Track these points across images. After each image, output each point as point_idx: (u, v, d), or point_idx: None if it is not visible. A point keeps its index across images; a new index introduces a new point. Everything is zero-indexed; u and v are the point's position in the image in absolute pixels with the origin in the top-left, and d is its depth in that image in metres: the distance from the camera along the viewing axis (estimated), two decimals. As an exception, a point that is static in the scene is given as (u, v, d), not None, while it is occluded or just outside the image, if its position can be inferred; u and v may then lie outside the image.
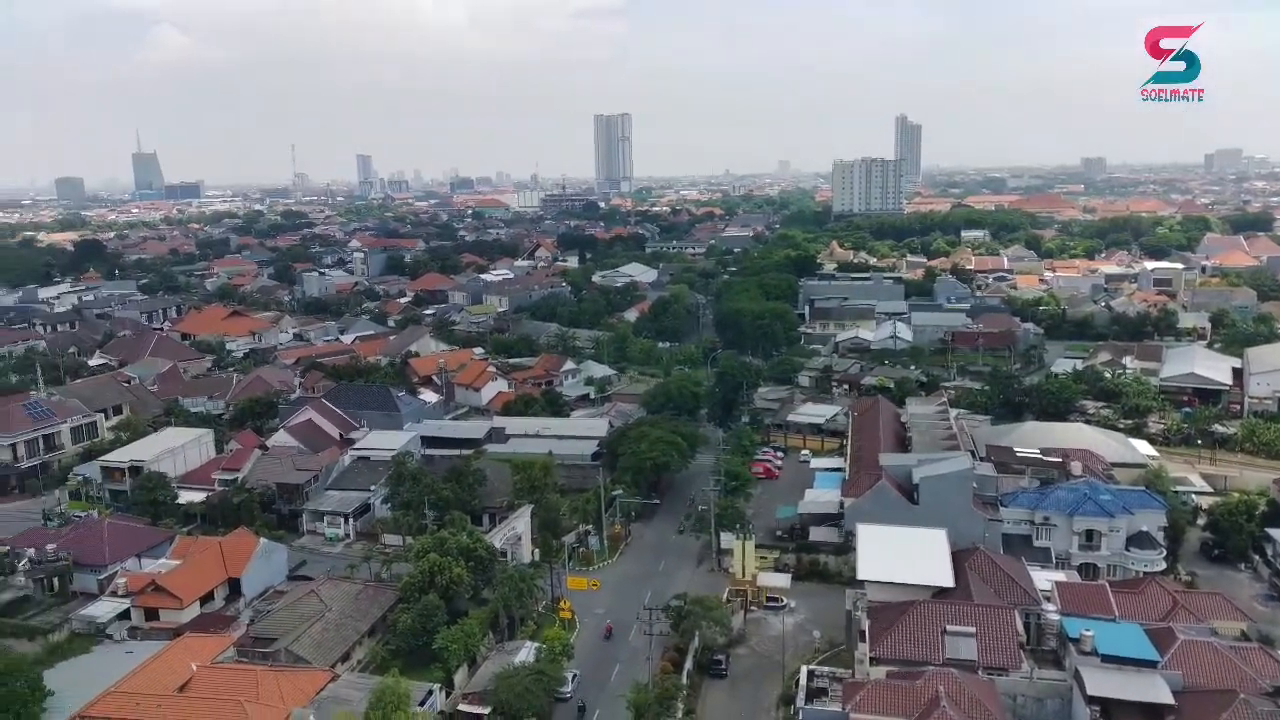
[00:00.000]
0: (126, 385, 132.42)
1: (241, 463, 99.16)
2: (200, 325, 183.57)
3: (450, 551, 71.60)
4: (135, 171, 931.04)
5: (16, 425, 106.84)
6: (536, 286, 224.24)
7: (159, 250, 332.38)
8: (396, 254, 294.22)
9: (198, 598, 73.50)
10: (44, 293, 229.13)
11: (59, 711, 54.88)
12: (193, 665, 58.14)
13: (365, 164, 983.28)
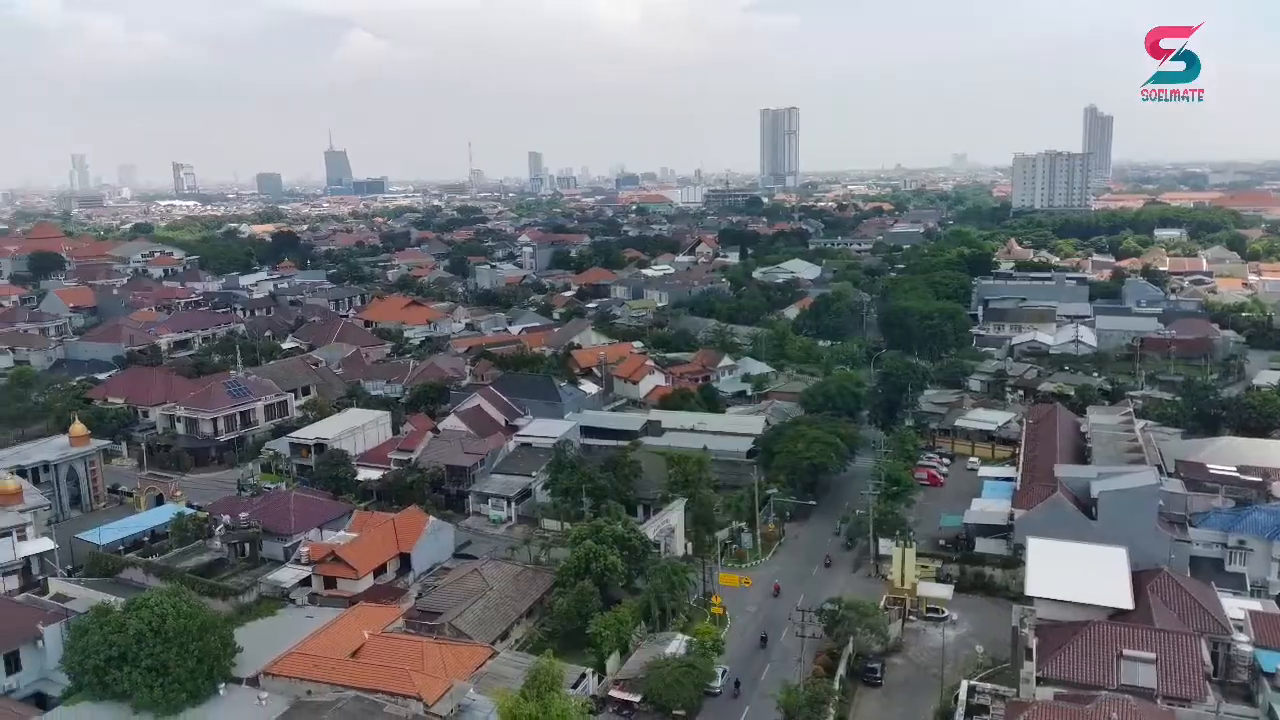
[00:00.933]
0: (314, 368, 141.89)
1: (415, 444, 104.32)
2: (382, 313, 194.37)
3: (605, 540, 72.96)
4: (327, 168, 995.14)
5: (218, 402, 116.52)
6: (696, 282, 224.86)
7: (346, 242, 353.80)
8: (563, 249, 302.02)
9: (372, 570, 77.93)
10: (244, 280, 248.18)
11: (247, 666, 59.50)
12: (365, 633, 61.74)
13: (536, 161, 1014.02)
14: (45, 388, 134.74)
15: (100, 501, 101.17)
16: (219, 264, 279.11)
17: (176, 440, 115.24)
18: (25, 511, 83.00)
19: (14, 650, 61.71)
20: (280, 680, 57.49)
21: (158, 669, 54.27)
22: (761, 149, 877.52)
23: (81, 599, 69.30)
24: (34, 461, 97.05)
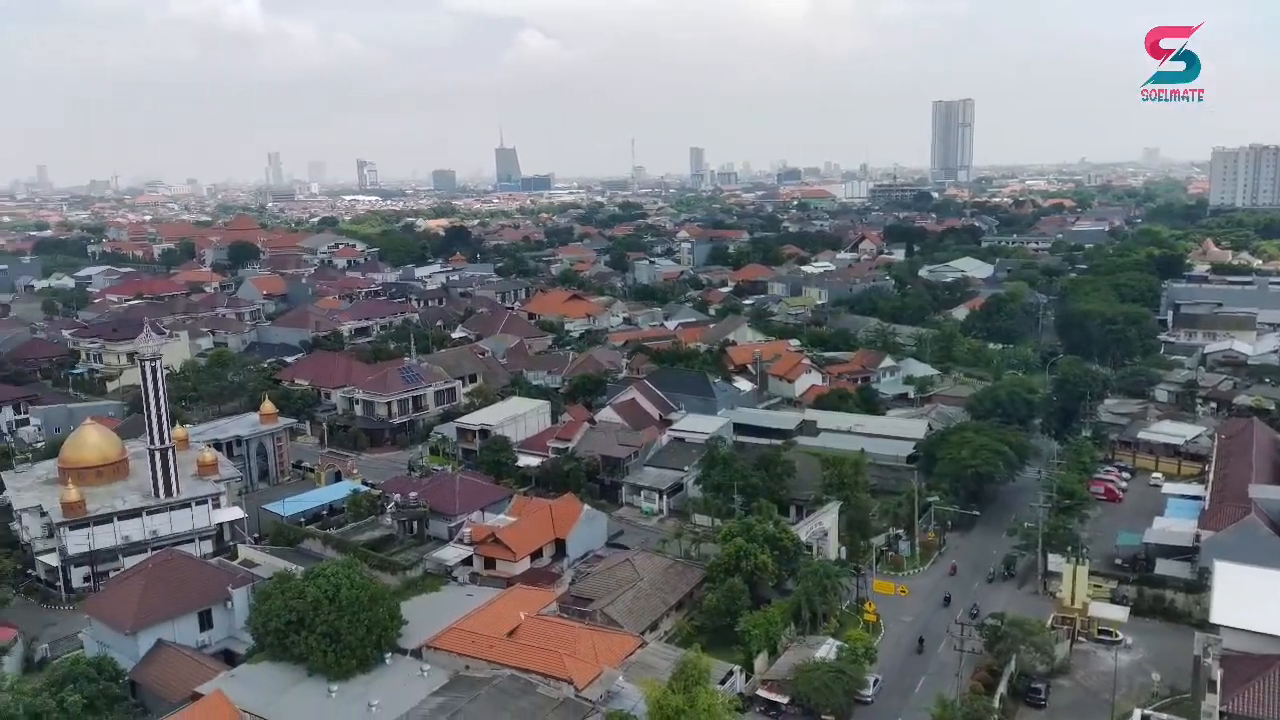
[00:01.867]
0: (481, 357, 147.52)
1: (572, 434, 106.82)
2: (544, 306, 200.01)
3: (756, 538, 72.42)
4: (497, 165, 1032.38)
5: (392, 387, 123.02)
6: (858, 280, 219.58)
7: (513, 237, 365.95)
8: (721, 244, 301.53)
9: (529, 553, 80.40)
10: (419, 272, 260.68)
11: (411, 638, 62.56)
12: (521, 614, 63.73)
13: (697, 157, 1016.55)
14: (240, 368, 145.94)
15: (285, 476, 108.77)
16: (396, 256, 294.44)
17: (354, 421, 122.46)
18: (220, 482, 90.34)
19: (207, 609, 67.33)
20: (441, 654, 60.17)
21: (331, 635, 57.79)
22: (932, 142, 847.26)
23: (266, 565, 74.74)
24: (229, 436, 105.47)
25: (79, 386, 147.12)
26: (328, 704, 55.45)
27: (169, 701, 57.27)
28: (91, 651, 64.19)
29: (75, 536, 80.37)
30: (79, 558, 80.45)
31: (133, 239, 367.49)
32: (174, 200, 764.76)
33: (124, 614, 64.60)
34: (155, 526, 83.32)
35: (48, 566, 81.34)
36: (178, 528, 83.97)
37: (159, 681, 60.25)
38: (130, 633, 63.33)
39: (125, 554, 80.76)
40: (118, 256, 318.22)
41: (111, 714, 56.23)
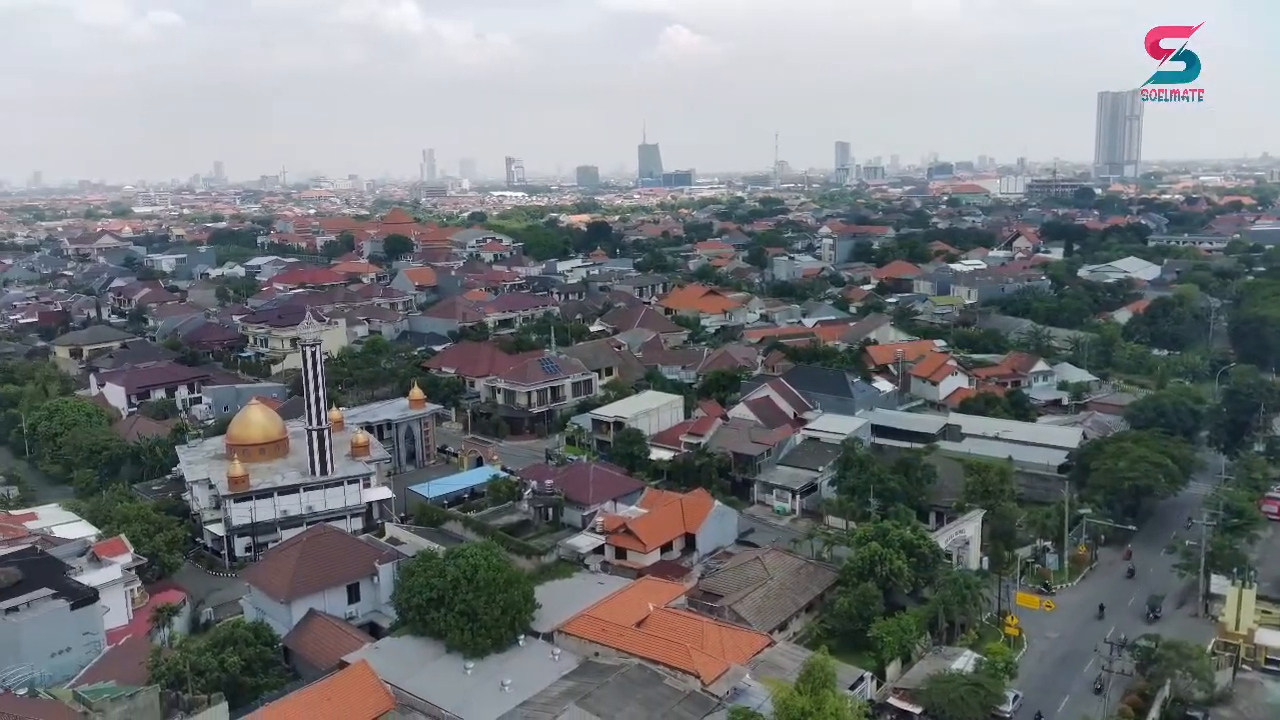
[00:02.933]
0: (617, 350, 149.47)
1: (705, 429, 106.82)
2: (681, 301, 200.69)
3: (892, 543, 70.52)
4: (640, 161, 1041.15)
5: (532, 377, 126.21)
6: (1011, 279, 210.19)
7: (653, 232, 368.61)
8: (864, 240, 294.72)
9: (659, 545, 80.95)
10: (561, 266, 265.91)
11: (544, 622, 64.05)
12: (650, 605, 64.26)
13: (843, 151, 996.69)
14: (392, 356, 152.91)
15: (430, 459, 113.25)
16: (540, 250, 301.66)
17: (496, 409, 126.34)
18: (371, 463, 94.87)
19: (355, 583, 70.91)
20: (572, 639, 61.37)
21: (469, 614, 59.84)
22: (1097, 136, 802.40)
23: (410, 544, 78.05)
24: (380, 419, 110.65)
25: (246, 369, 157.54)
26: (463, 680, 57.48)
27: (317, 668, 60.65)
28: (250, 617, 68.66)
29: (239, 509, 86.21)
30: (241, 529, 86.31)
31: (298, 231, 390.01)
32: (336, 195, 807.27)
33: (280, 584, 68.80)
34: (311, 502, 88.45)
35: (214, 536, 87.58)
36: (331, 504, 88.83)
37: (309, 649, 63.90)
38: (285, 601, 67.40)
39: (283, 527, 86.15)
40: (284, 247, 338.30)
41: (266, 676, 59.92)
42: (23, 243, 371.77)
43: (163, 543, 78.81)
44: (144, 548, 76.10)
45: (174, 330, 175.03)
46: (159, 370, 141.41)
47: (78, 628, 61.82)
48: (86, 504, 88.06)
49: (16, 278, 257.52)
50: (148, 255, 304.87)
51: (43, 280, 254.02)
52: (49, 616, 60.69)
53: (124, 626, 67.65)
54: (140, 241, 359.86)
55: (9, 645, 59.02)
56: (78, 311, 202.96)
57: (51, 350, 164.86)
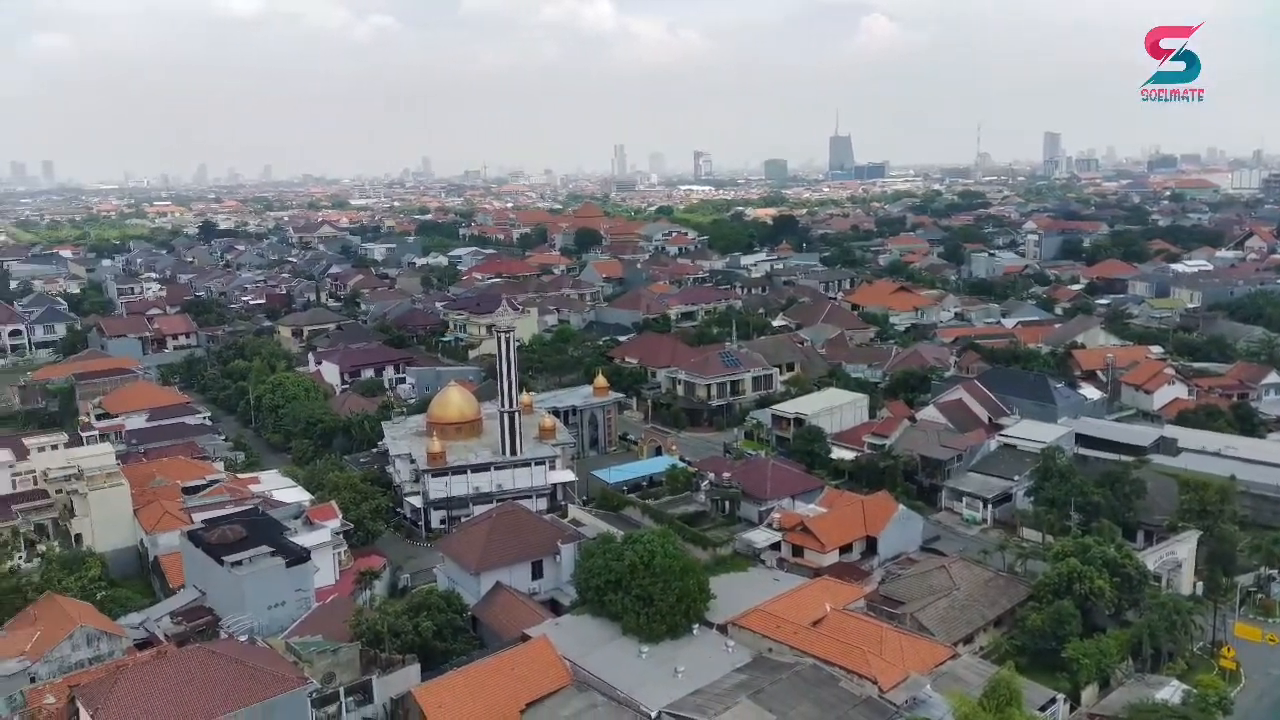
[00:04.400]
0: (800, 346, 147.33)
1: (890, 430, 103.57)
2: (869, 297, 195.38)
3: (1093, 561, 65.95)
4: (830, 153, 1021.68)
5: (713, 370, 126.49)
6: (1241, 281, 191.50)
7: (842, 226, 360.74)
8: (1074, 237, 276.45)
9: (838, 546, 79.21)
10: (745, 260, 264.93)
11: (718, 614, 64.20)
12: (827, 606, 63.07)
13: (1052, 142, 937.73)
14: (579, 344, 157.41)
15: (612, 446, 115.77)
16: (724, 244, 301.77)
17: (676, 400, 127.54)
18: (557, 446, 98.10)
19: (539, 560, 73.55)
20: (746, 633, 61.15)
21: (645, 599, 60.81)
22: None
23: (590, 526, 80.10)
24: (566, 405, 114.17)
25: (446, 352, 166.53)
26: (637, 663, 58.48)
27: (501, 638, 63.42)
28: (443, 585, 72.59)
29: (436, 483, 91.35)
30: (438, 502, 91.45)
31: (496, 224, 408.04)
32: (532, 189, 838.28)
33: (470, 556, 72.37)
34: (501, 481, 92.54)
35: (413, 507, 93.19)
36: (519, 484, 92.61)
37: (495, 619, 66.88)
38: (474, 573, 70.83)
39: (474, 502, 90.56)
40: (483, 239, 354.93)
41: (455, 642, 63.22)
42: (254, 231, 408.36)
43: (367, 511, 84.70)
44: (351, 514, 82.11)
45: (383, 314, 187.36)
46: (369, 351, 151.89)
47: (291, 584, 67.36)
48: (302, 471, 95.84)
49: (248, 263, 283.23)
50: (361, 244, 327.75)
51: (270, 265, 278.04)
52: (268, 572, 66.43)
53: (331, 586, 73.18)
54: (355, 231, 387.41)
55: (234, 595, 65.11)
56: (299, 295, 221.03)
57: (276, 329, 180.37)
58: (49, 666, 57.53)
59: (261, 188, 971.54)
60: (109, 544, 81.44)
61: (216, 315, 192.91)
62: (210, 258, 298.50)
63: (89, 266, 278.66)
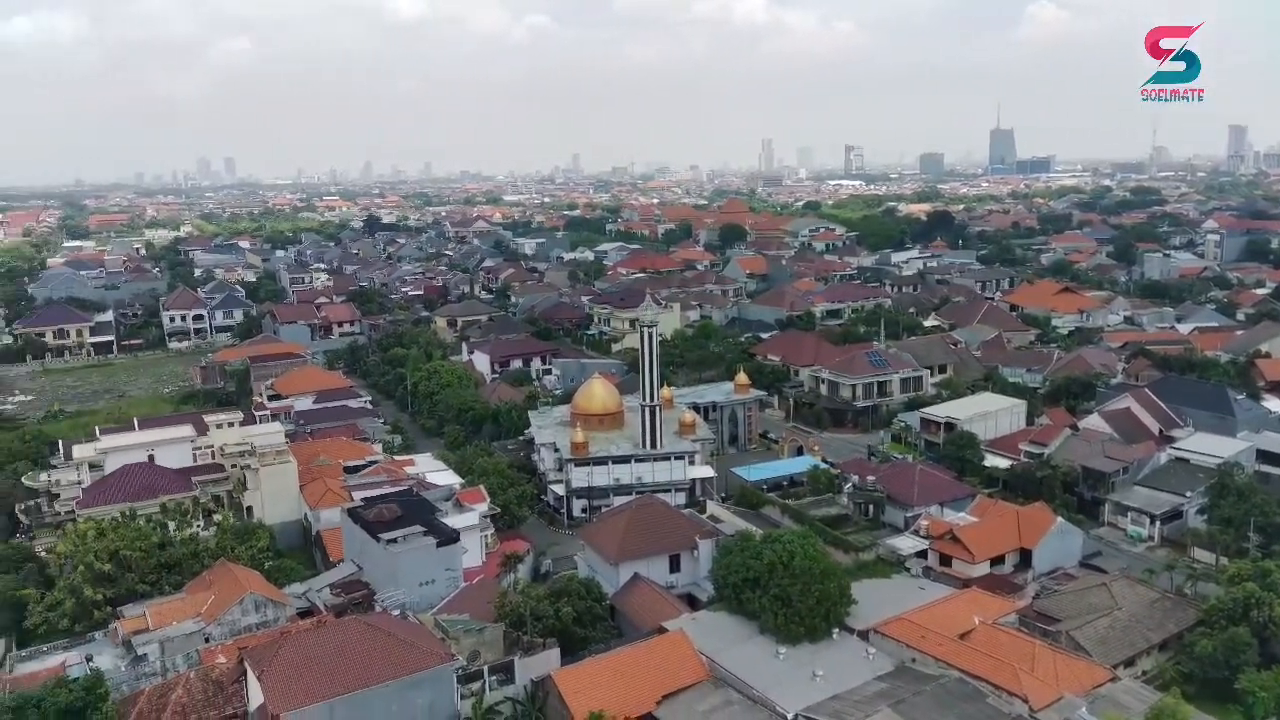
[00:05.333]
0: (953, 347, 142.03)
1: (1049, 438, 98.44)
2: (1029, 298, 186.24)
3: (1274, 586, 60.75)
4: (991, 147, 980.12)
5: (859, 370, 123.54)
6: None
7: (1001, 223, 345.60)
8: (1260, 237, 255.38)
9: (989, 557, 76.01)
10: (896, 257, 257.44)
11: (859, 619, 62.67)
12: (975, 619, 60.59)
13: (1237, 136, 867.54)
14: (720, 340, 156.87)
15: (752, 444, 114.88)
16: (874, 241, 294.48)
17: (819, 400, 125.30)
18: (696, 441, 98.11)
19: (677, 554, 73.76)
20: (888, 641, 59.46)
21: (783, 600, 59.99)
22: None
23: (729, 523, 79.76)
24: (706, 401, 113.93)
25: (590, 345, 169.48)
26: (774, 664, 57.80)
27: (638, 629, 63.97)
28: (583, 573, 73.85)
29: (578, 473, 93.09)
30: (579, 491, 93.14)
31: (642, 219, 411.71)
32: (678, 185, 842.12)
33: (610, 546, 73.36)
34: (640, 473, 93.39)
35: (556, 495, 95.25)
36: (658, 477, 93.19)
37: (632, 610, 67.50)
38: (613, 563, 71.77)
39: (614, 493, 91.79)
40: (628, 234, 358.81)
41: (594, 630, 64.20)
42: (414, 225, 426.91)
43: (513, 497, 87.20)
44: (497, 499, 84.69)
45: (531, 307, 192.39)
46: (518, 342, 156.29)
47: (441, 563, 70.10)
48: (453, 456, 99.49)
49: (408, 255, 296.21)
50: (513, 239, 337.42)
51: (428, 258, 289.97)
52: (420, 551, 69.33)
53: (477, 567, 75.71)
54: (508, 226, 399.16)
55: (388, 571, 68.30)
56: (454, 287, 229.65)
57: (432, 320, 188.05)
58: (221, 629, 61.95)
59: (422, 184, 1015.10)
60: (276, 517, 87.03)
61: (378, 305, 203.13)
62: (374, 250, 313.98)
63: (264, 257, 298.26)
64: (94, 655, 60.75)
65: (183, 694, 54.17)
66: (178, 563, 71.56)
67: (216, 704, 54.08)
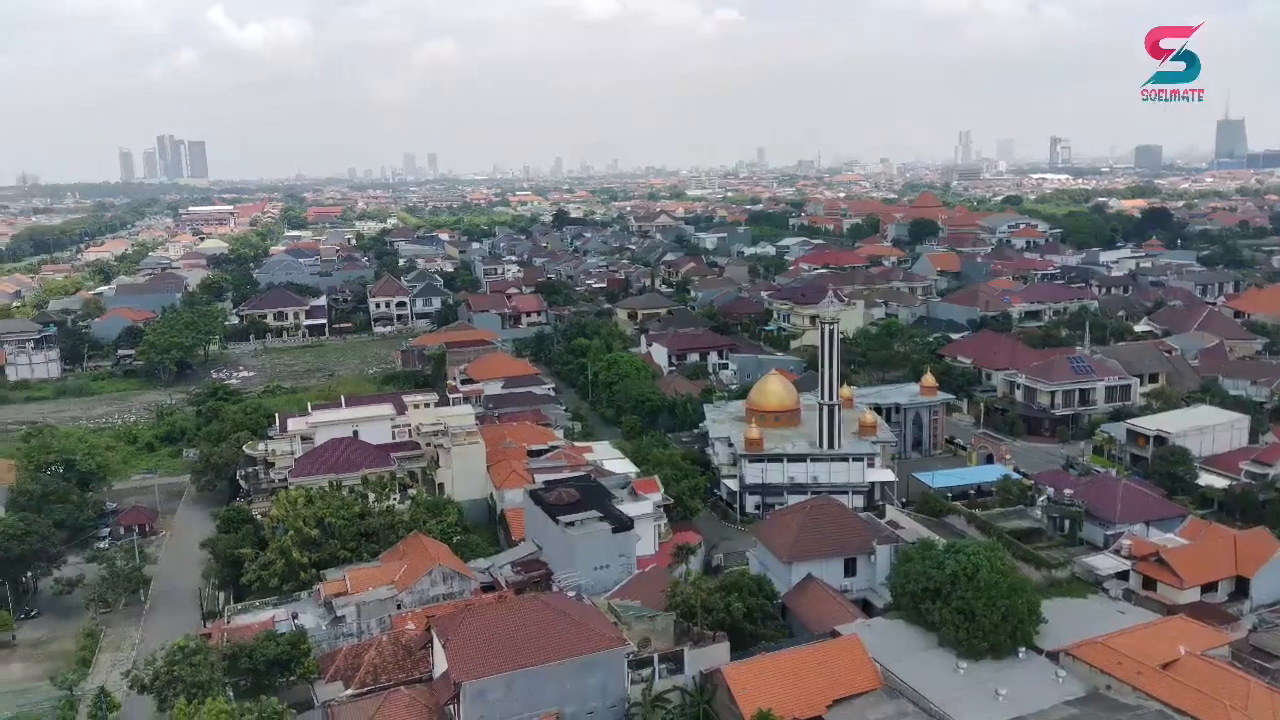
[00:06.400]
0: (1167, 355, 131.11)
1: (1276, 458, 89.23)
2: (1258, 304, 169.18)
3: None
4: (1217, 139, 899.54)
5: (1058, 376, 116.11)
6: None
7: (1227, 221, 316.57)
8: None
9: (1199, 584, 69.62)
10: (1104, 256, 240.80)
11: (1048, 639, 58.97)
12: (1181, 649, 55.70)
13: None
14: (906, 340, 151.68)
15: (937, 449, 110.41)
16: (1080, 238, 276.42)
17: (1013, 406, 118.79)
18: (877, 443, 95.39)
19: (852, 558, 71.92)
20: (1080, 665, 55.61)
21: (966, 613, 57.25)
22: None
23: (909, 530, 77.00)
24: (889, 403, 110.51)
25: (769, 341, 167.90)
26: (954, 679, 55.30)
27: (810, 631, 62.87)
28: (754, 570, 73.28)
29: (752, 469, 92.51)
30: (753, 487, 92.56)
31: (827, 214, 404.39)
32: (866, 179, 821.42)
33: (783, 544, 72.45)
34: (816, 473, 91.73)
35: (729, 489, 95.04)
36: (835, 478, 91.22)
37: (804, 611, 66.42)
38: (786, 562, 70.83)
39: (789, 492, 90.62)
40: (812, 229, 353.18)
41: (764, 627, 63.60)
42: (600, 219, 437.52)
43: (687, 489, 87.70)
44: (671, 490, 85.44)
45: (710, 301, 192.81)
46: (696, 336, 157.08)
47: (615, 549, 71.42)
48: (630, 445, 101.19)
49: (593, 248, 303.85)
50: (694, 233, 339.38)
51: (612, 252, 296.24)
52: (595, 535, 70.94)
53: (650, 556, 76.68)
54: (689, 221, 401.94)
55: (565, 553, 70.27)
56: (636, 280, 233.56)
57: (614, 311, 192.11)
58: (411, 597, 65.69)
59: (608, 179, 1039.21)
60: (465, 494, 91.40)
61: (564, 296, 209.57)
62: (561, 243, 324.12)
63: (461, 248, 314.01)
64: (299, 613, 65.88)
65: (375, 655, 57.91)
66: (375, 532, 76.48)
67: (405, 667, 57.48)
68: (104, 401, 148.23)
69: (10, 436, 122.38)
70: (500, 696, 50.95)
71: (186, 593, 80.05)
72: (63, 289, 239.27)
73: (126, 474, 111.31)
